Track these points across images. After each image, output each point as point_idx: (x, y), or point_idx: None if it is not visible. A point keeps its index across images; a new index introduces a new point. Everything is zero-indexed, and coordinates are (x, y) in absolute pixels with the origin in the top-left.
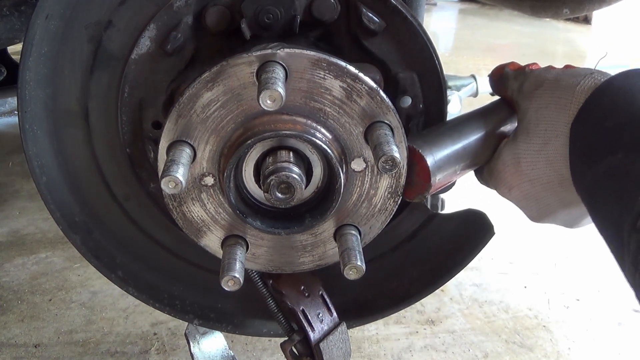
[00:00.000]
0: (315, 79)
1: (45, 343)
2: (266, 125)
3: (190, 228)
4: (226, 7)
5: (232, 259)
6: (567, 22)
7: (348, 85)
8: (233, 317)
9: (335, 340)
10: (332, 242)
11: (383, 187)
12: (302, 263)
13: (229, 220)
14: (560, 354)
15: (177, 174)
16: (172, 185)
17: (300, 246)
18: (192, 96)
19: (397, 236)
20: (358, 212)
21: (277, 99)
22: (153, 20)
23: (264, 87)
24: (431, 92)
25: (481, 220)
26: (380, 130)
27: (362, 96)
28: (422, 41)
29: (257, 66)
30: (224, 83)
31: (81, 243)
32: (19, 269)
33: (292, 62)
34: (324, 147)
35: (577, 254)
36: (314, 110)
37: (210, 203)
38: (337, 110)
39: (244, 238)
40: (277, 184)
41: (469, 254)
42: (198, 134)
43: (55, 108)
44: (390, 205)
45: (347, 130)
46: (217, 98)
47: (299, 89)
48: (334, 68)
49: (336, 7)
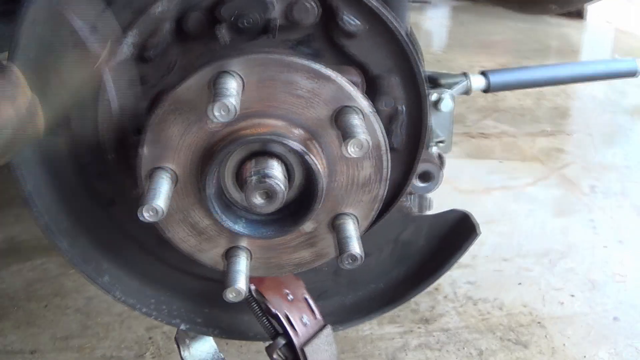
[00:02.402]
0: (276, 79)
1: (41, 349)
2: (240, 132)
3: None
4: (205, 13)
5: (234, 271)
6: (560, 18)
7: (309, 79)
8: (220, 322)
9: (321, 344)
10: (329, 235)
11: (367, 167)
12: (303, 259)
13: (224, 234)
14: (555, 350)
15: (155, 201)
16: (151, 212)
17: (297, 244)
18: (159, 123)
19: (383, 237)
20: (348, 199)
21: (230, 109)
22: (133, 26)
23: (212, 101)
24: (412, 93)
25: (465, 220)
26: (347, 115)
27: (326, 85)
28: (400, 43)
29: (209, 78)
30: (184, 105)
31: (67, 249)
32: (15, 275)
33: (248, 68)
34: (293, 145)
35: (571, 250)
36: (281, 110)
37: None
38: (304, 105)
39: (244, 247)
40: (255, 191)
41: (454, 254)
42: (173, 157)
43: None
44: (377, 187)
45: (316, 121)
46: (182, 121)
47: (262, 92)
48: (278, 64)
49: (315, 10)
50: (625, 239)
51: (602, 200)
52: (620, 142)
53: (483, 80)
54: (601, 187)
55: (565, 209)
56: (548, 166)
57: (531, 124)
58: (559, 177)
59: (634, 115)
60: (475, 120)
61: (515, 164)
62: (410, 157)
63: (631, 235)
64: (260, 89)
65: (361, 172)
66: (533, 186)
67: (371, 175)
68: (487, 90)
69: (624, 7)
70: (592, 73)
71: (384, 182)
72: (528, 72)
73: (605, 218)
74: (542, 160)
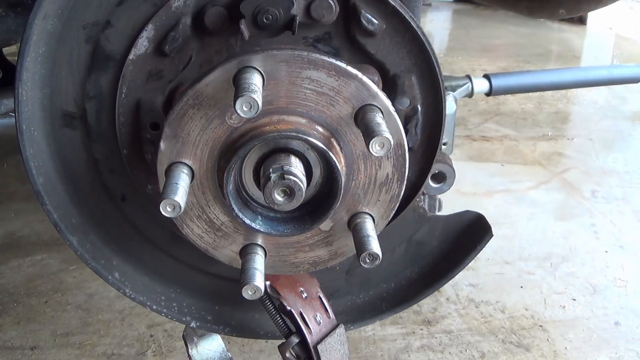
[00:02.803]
0: (287, 75)
1: (41, 346)
2: (261, 129)
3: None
4: (225, 8)
5: (251, 268)
6: (561, 23)
7: (333, 76)
8: (230, 320)
9: (334, 343)
10: (346, 233)
11: (386, 166)
12: (319, 258)
13: (240, 231)
14: (557, 354)
15: (174, 196)
16: (170, 208)
17: (314, 242)
18: (178, 118)
19: (396, 237)
20: (366, 198)
21: (253, 105)
22: (151, 20)
23: (237, 96)
24: (429, 93)
25: (479, 221)
26: (370, 114)
27: (349, 83)
28: (420, 42)
29: (233, 73)
30: (204, 100)
31: (78, 245)
32: (15, 271)
33: (271, 65)
34: (312, 141)
35: (573, 254)
36: (303, 108)
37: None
38: (326, 102)
39: (259, 245)
40: (275, 188)
41: (467, 255)
42: (191, 153)
43: (53, 109)
44: (397, 187)
45: (337, 119)
46: (202, 116)
47: (284, 89)
48: (302, 61)
49: (335, 8)
50: (626, 244)
51: (603, 205)
52: (620, 148)
53: (486, 83)
54: (602, 192)
55: (566, 213)
56: (549, 170)
57: (532, 128)
58: (560, 181)
59: (634, 121)
60: (476, 123)
61: (516, 168)
62: (425, 156)
63: (632, 241)
64: (282, 85)
65: (380, 171)
66: (534, 190)
67: (390, 174)
68: (489, 94)
69: (625, 14)
70: (596, 78)
71: (402, 182)
72: (531, 76)
73: (606, 223)
74: (544, 164)
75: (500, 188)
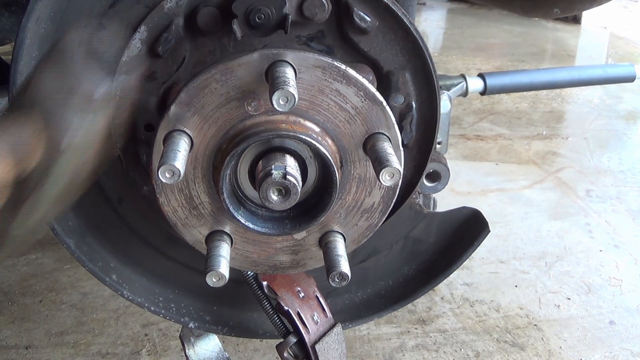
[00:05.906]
0: (318, 82)
1: (36, 345)
2: (277, 124)
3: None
4: (217, 8)
5: (217, 255)
6: (556, 22)
7: (360, 97)
8: (229, 320)
9: (331, 342)
10: (315, 247)
11: (377, 196)
12: (280, 263)
13: (216, 215)
14: (551, 353)
15: (175, 162)
16: (169, 174)
17: (281, 247)
18: (199, 87)
19: (393, 234)
20: (345, 220)
21: (290, 100)
22: (144, 22)
23: (277, 87)
24: (424, 89)
25: (475, 217)
26: (382, 143)
27: (372, 108)
28: (413, 39)
29: (266, 65)
30: (231, 79)
31: (75, 248)
32: (9, 270)
33: (306, 67)
34: (323, 151)
35: (567, 253)
36: (315, 113)
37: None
38: (344, 119)
39: (228, 234)
40: (273, 186)
41: (464, 251)
42: (198, 125)
43: None
44: (378, 217)
45: (349, 138)
46: (223, 93)
47: (310, 94)
48: (337, 72)
49: (327, 6)
50: (621, 243)
51: (597, 204)
52: (615, 147)
53: (480, 82)
54: (597, 191)
55: (561, 212)
56: (544, 169)
57: (527, 127)
58: (554, 180)
59: (629, 120)
60: (471, 123)
61: (511, 167)
62: (420, 153)
63: (627, 240)
64: (310, 89)
65: (368, 199)
66: (529, 189)
67: (376, 204)
68: (484, 93)
69: (619, 13)
70: (590, 77)
71: (384, 214)
72: (525, 75)
73: (600, 222)
74: (538, 163)
75: (494, 187)
